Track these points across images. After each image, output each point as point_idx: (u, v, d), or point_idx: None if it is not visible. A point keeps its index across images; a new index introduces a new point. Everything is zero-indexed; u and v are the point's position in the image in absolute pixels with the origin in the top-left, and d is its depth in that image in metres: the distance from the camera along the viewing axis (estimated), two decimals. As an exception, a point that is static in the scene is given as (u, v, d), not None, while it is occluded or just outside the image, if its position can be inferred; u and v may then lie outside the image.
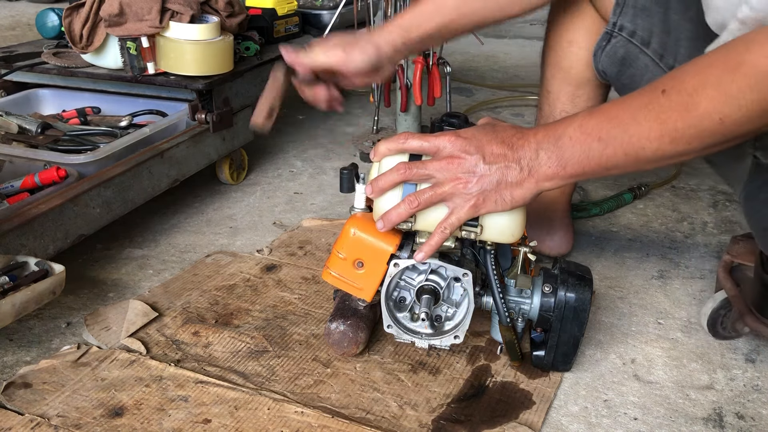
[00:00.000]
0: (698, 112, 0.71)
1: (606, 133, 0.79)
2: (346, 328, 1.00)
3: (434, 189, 0.85)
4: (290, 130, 2.04)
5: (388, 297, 0.95)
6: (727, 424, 0.92)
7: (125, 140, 1.33)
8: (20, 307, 0.95)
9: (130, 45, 1.43)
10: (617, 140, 0.78)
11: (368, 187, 0.89)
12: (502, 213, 0.87)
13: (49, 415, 0.89)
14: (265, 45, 1.74)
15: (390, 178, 0.87)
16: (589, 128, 0.80)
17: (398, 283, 0.96)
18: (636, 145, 0.76)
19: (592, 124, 0.80)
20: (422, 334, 0.97)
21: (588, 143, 0.80)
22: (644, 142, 0.76)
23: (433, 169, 0.85)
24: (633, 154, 0.77)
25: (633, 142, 0.77)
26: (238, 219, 1.48)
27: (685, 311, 1.17)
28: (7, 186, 1.21)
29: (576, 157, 0.81)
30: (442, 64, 1.76)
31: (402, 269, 0.92)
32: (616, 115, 0.79)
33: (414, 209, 0.86)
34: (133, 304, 1.12)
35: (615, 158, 0.79)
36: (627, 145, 0.77)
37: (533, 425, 0.90)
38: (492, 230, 0.89)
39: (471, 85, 2.48)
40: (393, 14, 1.60)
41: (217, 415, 0.90)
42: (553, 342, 0.95)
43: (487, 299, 0.96)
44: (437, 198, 0.85)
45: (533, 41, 3.27)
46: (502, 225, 0.88)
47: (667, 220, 1.50)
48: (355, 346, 1.01)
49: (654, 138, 0.75)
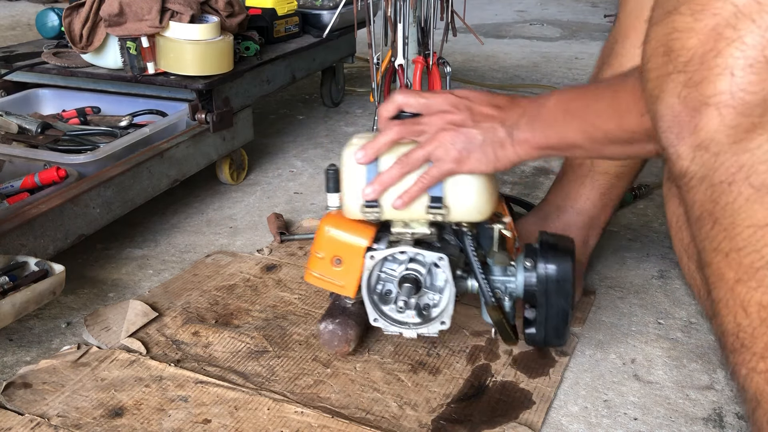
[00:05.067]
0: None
1: (573, 106, 0.78)
2: (334, 327, 1.00)
3: (423, 146, 0.85)
4: (290, 130, 2.04)
5: (371, 291, 0.94)
6: (727, 424, 0.92)
7: (125, 140, 1.33)
8: (20, 307, 0.95)
9: (130, 45, 1.43)
10: (578, 114, 0.77)
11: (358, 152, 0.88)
12: (467, 191, 0.87)
13: (49, 415, 0.89)
14: (265, 45, 1.74)
15: (381, 142, 0.87)
16: (563, 100, 0.80)
17: (380, 276, 0.94)
18: (592, 123, 0.75)
19: (566, 97, 0.80)
20: (410, 324, 0.95)
21: (555, 114, 0.80)
22: (598, 120, 0.75)
23: (425, 124, 0.85)
24: (589, 132, 0.76)
25: (590, 118, 0.76)
26: (238, 219, 1.48)
27: (685, 311, 1.17)
28: (7, 186, 1.21)
29: (543, 127, 0.80)
30: (442, 64, 1.76)
31: (379, 261, 0.92)
32: (587, 89, 0.78)
33: (406, 169, 0.86)
34: (133, 304, 1.12)
35: (574, 134, 0.78)
36: (585, 120, 0.76)
37: (533, 425, 0.90)
38: (459, 209, 0.89)
39: (471, 85, 2.48)
40: (393, 14, 1.60)
41: (217, 415, 0.90)
42: (542, 317, 0.93)
43: (472, 282, 0.94)
44: (425, 154, 0.85)
45: (533, 41, 3.28)
46: (468, 203, 0.88)
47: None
48: (346, 344, 1.00)
49: (606, 117, 0.74)
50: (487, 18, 3.79)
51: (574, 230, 1.15)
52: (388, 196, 0.89)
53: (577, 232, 1.15)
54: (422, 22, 1.64)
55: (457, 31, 1.70)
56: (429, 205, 0.89)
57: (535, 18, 3.83)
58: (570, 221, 1.16)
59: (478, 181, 0.88)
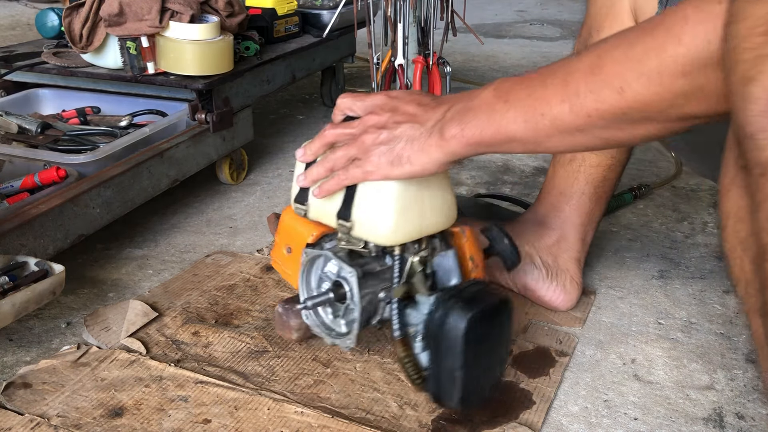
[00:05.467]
0: (601, 75, 0.65)
1: (513, 95, 0.72)
2: (282, 311, 0.99)
3: (346, 147, 0.82)
4: (290, 130, 2.04)
5: (306, 285, 0.92)
6: (727, 424, 0.92)
7: (125, 140, 1.33)
8: (20, 307, 0.95)
9: (130, 45, 1.43)
10: (520, 103, 0.71)
11: (299, 151, 0.87)
12: (371, 207, 0.82)
13: (49, 415, 0.89)
14: (265, 45, 1.74)
15: (318, 143, 0.85)
16: (503, 90, 0.74)
17: (321, 276, 0.92)
18: (537, 110, 0.70)
19: (506, 86, 0.74)
20: (334, 332, 0.91)
21: (493, 104, 0.73)
22: (545, 107, 0.69)
23: (354, 126, 0.82)
24: (532, 121, 0.70)
25: (535, 106, 0.70)
26: (238, 219, 1.48)
27: (685, 311, 1.17)
28: (6, 186, 1.21)
29: (477, 119, 0.74)
30: (442, 64, 1.76)
31: (311, 259, 0.90)
32: (530, 77, 0.72)
33: (329, 165, 0.83)
34: (133, 304, 1.12)
35: (514, 125, 0.71)
36: (528, 109, 0.70)
37: (533, 425, 0.90)
38: (362, 226, 0.83)
39: (471, 85, 2.48)
40: (393, 14, 1.60)
41: (217, 416, 0.90)
42: (433, 370, 0.83)
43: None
44: (346, 154, 0.82)
45: (533, 41, 3.28)
46: (371, 221, 0.82)
47: (668, 220, 1.50)
48: (288, 331, 0.98)
49: (555, 102, 0.68)
50: (487, 18, 3.79)
51: (572, 227, 1.15)
52: (314, 197, 0.87)
53: (574, 229, 1.15)
54: (422, 22, 1.64)
55: (457, 31, 1.70)
56: (337, 215, 0.84)
57: (535, 18, 3.83)
58: (567, 219, 1.15)
59: (388, 198, 0.81)
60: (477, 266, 0.93)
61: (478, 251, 0.94)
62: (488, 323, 0.82)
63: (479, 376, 0.84)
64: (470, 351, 0.80)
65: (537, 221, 1.17)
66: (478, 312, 0.79)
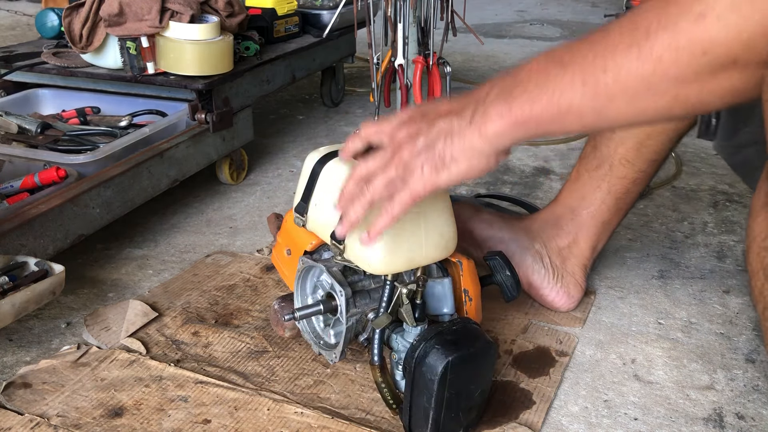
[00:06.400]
0: (677, 4, 0.55)
1: (569, 56, 0.63)
2: (278, 308, 0.99)
3: (382, 174, 0.71)
4: (290, 130, 2.04)
5: (301, 291, 0.94)
6: (727, 425, 0.92)
7: (125, 140, 1.33)
8: (20, 307, 0.95)
9: (129, 45, 1.43)
10: (579, 62, 0.62)
11: (336, 201, 0.77)
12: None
13: (49, 415, 0.89)
14: (265, 45, 1.74)
15: (351, 183, 0.74)
16: (556, 54, 0.64)
17: (316, 285, 0.93)
18: (597, 66, 0.60)
19: (559, 50, 0.65)
20: (322, 341, 0.94)
21: (546, 70, 0.64)
22: (608, 59, 0.59)
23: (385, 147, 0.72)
24: (592, 81, 0.61)
25: (596, 62, 0.61)
26: (238, 219, 1.48)
27: (685, 311, 1.17)
28: (6, 186, 1.21)
29: (526, 92, 0.64)
30: (443, 64, 1.76)
31: (306, 268, 0.91)
32: (590, 35, 0.62)
33: (367, 202, 0.73)
34: (132, 304, 1.12)
35: (571, 91, 0.62)
36: (588, 66, 0.61)
37: (533, 425, 0.90)
38: (353, 251, 0.81)
39: (471, 85, 2.48)
40: (393, 14, 1.60)
41: (217, 416, 0.90)
42: (408, 402, 0.82)
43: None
44: (384, 182, 0.71)
45: (533, 41, 3.28)
46: (362, 250, 0.79)
47: (668, 220, 1.50)
48: (281, 329, 0.99)
49: (621, 49, 0.59)
50: (487, 18, 3.79)
51: (586, 234, 1.14)
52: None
53: (588, 236, 1.15)
54: (422, 22, 1.64)
55: (457, 31, 1.70)
56: (331, 235, 0.81)
57: (535, 18, 3.83)
58: (583, 225, 1.14)
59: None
60: (471, 300, 0.92)
61: (475, 285, 0.93)
62: (467, 367, 0.79)
63: (453, 417, 0.82)
64: (446, 393, 0.78)
65: (552, 222, 1.17)
66: (457, 357, 0.77)
